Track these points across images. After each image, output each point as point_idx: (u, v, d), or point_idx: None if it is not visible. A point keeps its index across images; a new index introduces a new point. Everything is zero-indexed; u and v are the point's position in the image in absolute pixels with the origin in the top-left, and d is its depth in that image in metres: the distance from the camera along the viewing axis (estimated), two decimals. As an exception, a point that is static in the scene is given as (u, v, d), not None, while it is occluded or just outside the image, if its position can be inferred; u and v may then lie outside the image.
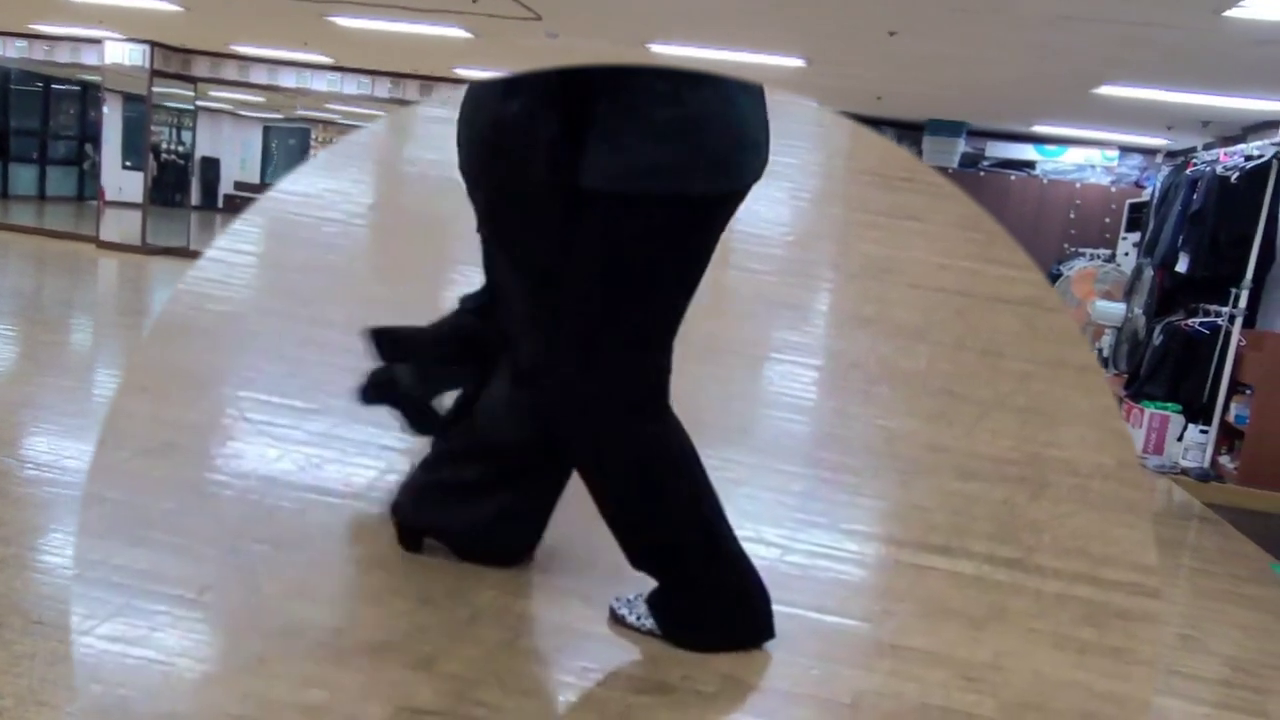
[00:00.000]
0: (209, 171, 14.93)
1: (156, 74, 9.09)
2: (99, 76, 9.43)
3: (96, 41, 8.96)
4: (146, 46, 8.91)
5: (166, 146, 9.60)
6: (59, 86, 12.81)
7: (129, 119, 9.72)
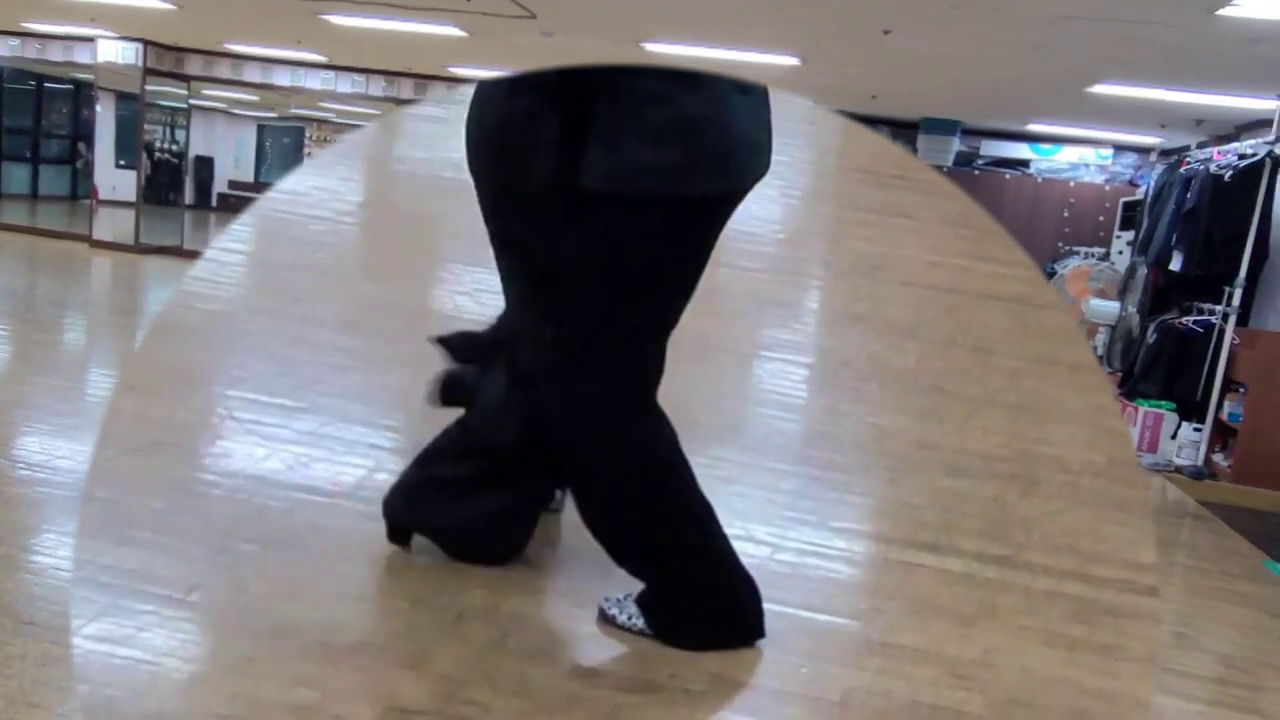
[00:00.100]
0: (203, 170, 14.90)
1: (150, 72, 9.06)
2: (92, 75, 9.39)
3: (89, 39, 8.93)
4: (139, 45, 8.88)
5: (160, 145, 9.57)
6: (52, 85, 12.77)
7: (122, 117, 9.69)
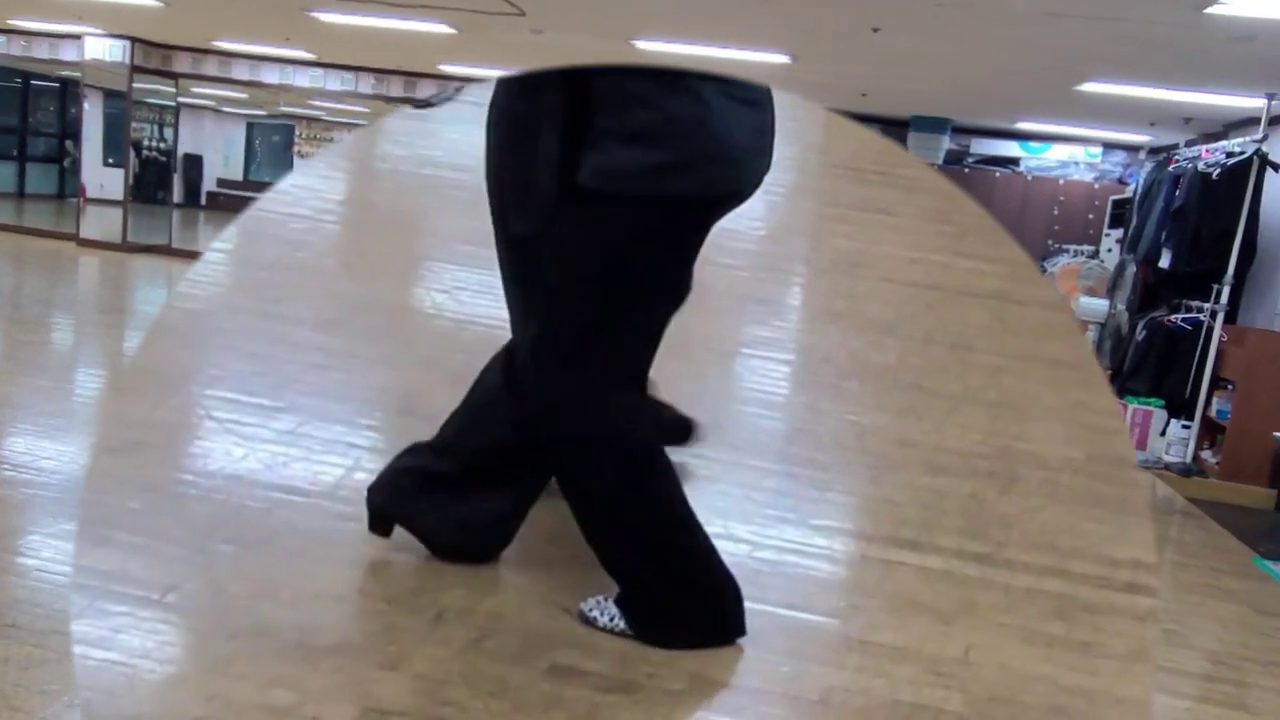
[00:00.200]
0: (192, 169, 14.83)
1: (137, 70, 9.00)
2: (79, 72, 9.33)
3: (76, 37, 8.87)
4: (127, 42, 8.83)
5: (148, 143, 9.51)
6: (39, 82, 12.69)
7: (110, 115, 9.64)
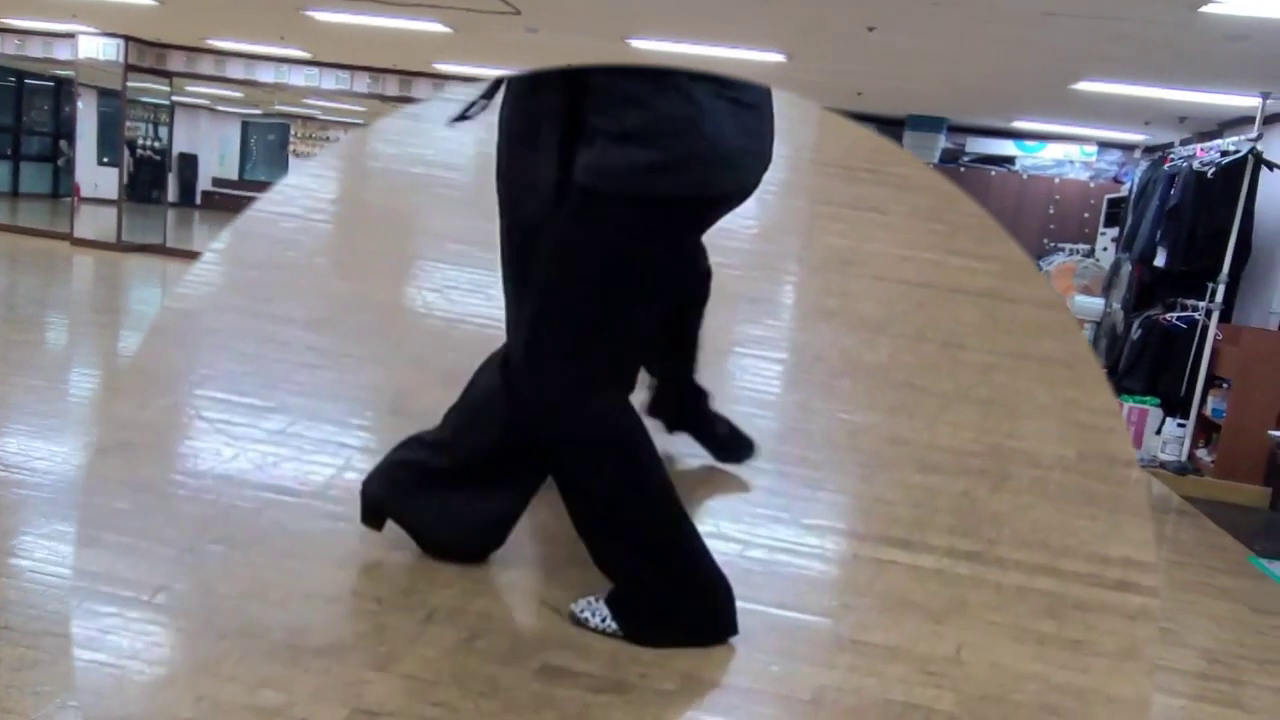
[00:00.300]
0: (187, 168, 14.81)
1: (131, 69, 8.98)
2: (73, 71, 9.31)
3: (70, 36, 8.84)
4: (121, 41, 8.80)
5: (143, 142, 9.48)
6: (33, 81, 12.67)
7: (104, 114, 9.62)
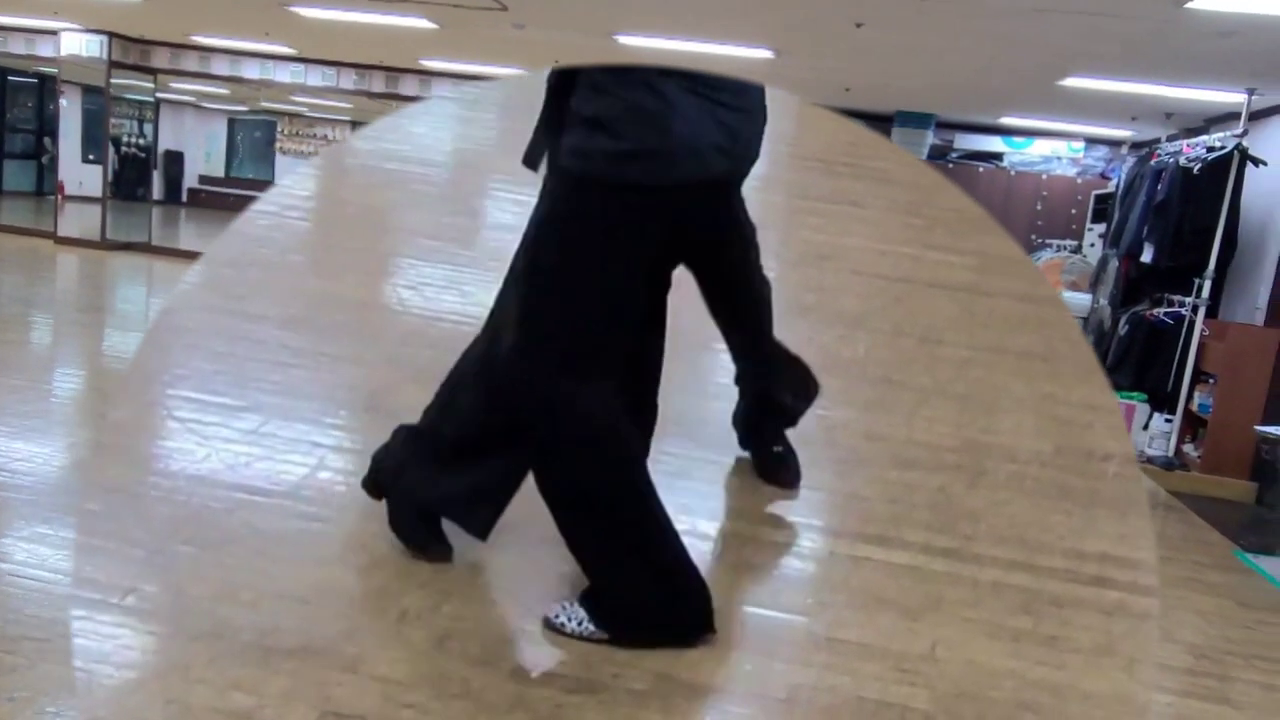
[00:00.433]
0: (172, 165, 14.70)
1: (115, 65, 8.90)
2: (56, 68, 9.22)
3: (53, 32, 8.76)
4: (104, 37, 8.72)
5: (127, 139, 9.40)
6: (16, 78, 12.55)
7: (88, 111, 9.53)
